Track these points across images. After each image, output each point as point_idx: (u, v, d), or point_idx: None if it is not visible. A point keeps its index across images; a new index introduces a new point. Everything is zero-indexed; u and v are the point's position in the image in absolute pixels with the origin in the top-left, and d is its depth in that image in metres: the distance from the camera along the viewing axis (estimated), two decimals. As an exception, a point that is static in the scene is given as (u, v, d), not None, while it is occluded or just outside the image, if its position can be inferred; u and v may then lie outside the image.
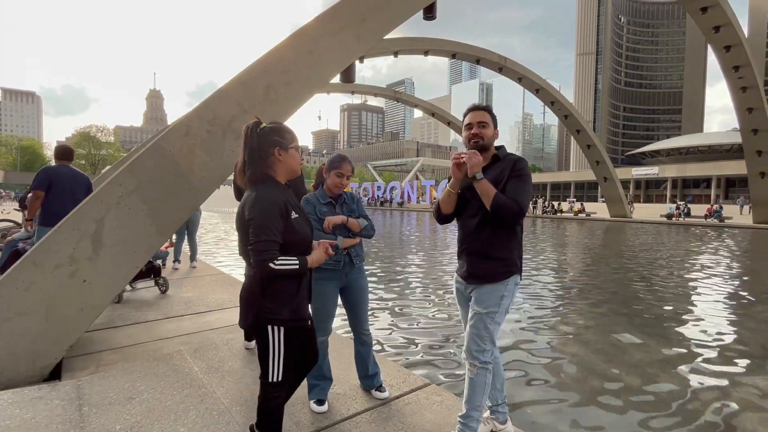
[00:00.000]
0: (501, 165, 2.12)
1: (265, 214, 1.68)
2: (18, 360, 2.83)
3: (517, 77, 27.09)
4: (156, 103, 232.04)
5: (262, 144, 1.78)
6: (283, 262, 1.68)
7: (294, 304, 1.77)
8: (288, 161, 1.82)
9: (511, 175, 2.07)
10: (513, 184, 2.05)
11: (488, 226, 2.09)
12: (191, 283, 5.95)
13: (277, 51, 4.09)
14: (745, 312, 6.18)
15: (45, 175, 4.36)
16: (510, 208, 1.99)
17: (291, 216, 1.76)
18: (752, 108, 22.07)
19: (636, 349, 4.48)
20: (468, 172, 2.05)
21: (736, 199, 40.93)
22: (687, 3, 19.22)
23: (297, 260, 1.72)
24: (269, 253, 1.65)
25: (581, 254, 12.86)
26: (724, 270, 9.73)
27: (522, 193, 2.04)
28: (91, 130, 75.91)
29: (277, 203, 1.72)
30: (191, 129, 3.45)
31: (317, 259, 1.83)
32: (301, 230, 1.80)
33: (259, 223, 1.66)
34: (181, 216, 3.52)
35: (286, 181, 1.89)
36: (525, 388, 3.57)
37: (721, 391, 3.57)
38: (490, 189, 2.03)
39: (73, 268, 2.95)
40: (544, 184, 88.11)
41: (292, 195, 1.91)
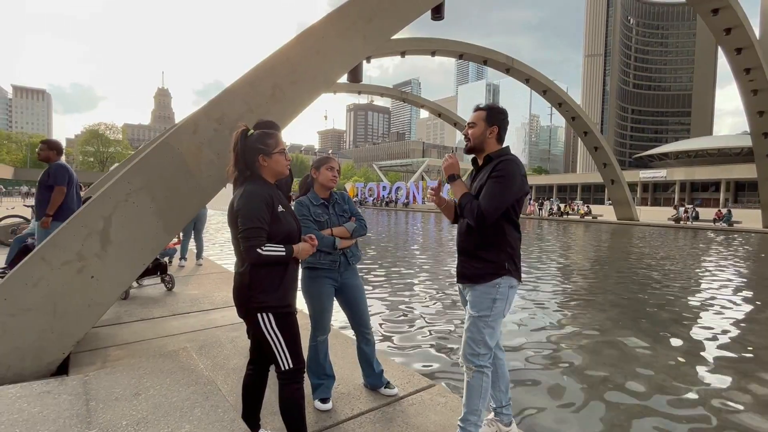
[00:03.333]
0: (491, 166, 2.09)
1: (252, 205, 1.83)
2: (24, 355, 2.85)
3: (524, 78, 26.96)
4: (164, 102, 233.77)
5: (248, 151, 1.92)
6: (270, 247, 1.81)
7: (280, 291, 1.89)
8: (272, 166, 1.95)
9: (490, 175, 2.03)
10: (487, 185, 2.02)
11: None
12: (197, 281, 5.99)
13: (284, 51, 4.10)
14: (751, 317, 6.11)
15: (66, 171, 4.57)
16: (471, 211, 2.00)
17: (277, 209, 1.90)
18: (763, 111, 21.80)
19: (642, 354, 4.44)
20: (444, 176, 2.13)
21: (745, 202, 40.36)
22: (698, 4, 19.03)
23: (283, 247, 1.85)
24: (257, 240, 1.79)
25: (587, 257, 12.77)
26: (730, 275, 9.62)
27: (489, 196, 1.98)
28: (100, 127, 76.68)
29: (263, 195, 1.86)
30: (199, 127, 3.46)
31: (303, 249, 1.94)
32: (287, 223, 1.94)
33: (246, 212, 1.81)
34: (188, 214, 3.54)
35: (275, 181, 2.01)
36: (529, 392, 3.55)
37: (727, 396, 3.53)
38: (459, 190, 2.10)
39: (81, 264, 2.98)
40: (551, 186, 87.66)
41: (279, 193, 2.02)
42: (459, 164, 2.14)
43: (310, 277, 2.55)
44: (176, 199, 3.34)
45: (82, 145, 75.68)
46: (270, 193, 1.90)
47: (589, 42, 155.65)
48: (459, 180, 2.12)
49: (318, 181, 2.61)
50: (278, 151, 1.95)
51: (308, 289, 2.56)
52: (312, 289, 2.55)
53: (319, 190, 2.62)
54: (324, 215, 2.56)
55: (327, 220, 2.56)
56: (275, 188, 1.99)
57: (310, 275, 2.55)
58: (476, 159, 2.22)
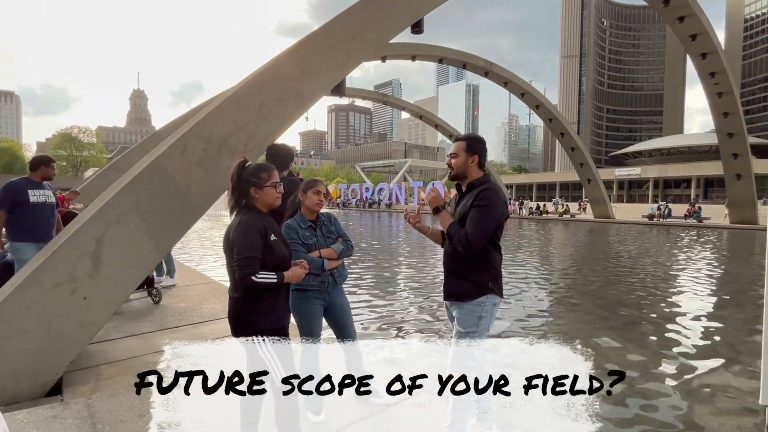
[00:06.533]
0: (473, 193, 2.28)
1: (247, 236, 1.97)
2: (19, 376, 2.89)
3: (502, 81, 27.53)
4: (140, 103, 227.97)
5: (242, 183, 2.07)
6: (263, 275, 1.95)
7: (273, 316, 2.03)
8: (264, 198, 2.09)
9: (473, 204, 2.22)
10: (471, 214, 2.21)
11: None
12: (183, 293, 6.00)
13: (270, 69, 4.22)
14: (718, 313, 6.50)
15: (6, 192, 4.23)
16: (459, 240, 2.19)
17: (270, 238, 2.03)
18: (728, 113, 22.86)
19: (614, 353, 4.71)
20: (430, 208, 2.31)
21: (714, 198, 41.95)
22: (665, 12, 19.84)
23: (275, 275, 1.98)
24: (251, 268, 1.92)
25: (564, 256, 13.19)
26: (699, 271, 10.13)
27: (474, 225, 2.17)
28: (73, 131, 74.36)
29: (257, 226, 2.00)
30: (187, 147, 3.54)
31: (294, 275, 2.08)
32: (279, 251, 2.07)
33: (241, 243, 1.95)
34: (179, 232, 3.61)
35: (267, 210, 2.14)
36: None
37: (693, 392, 3.81)
38: (446, 221, 2.29)
39: (74, 285, 3.03)
40: (530, 185, 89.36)
41: (272, 221, 2.16)
42: (441, 196, 2.33)
43: (299, 298, 2.67)
44: (167, 219, 3.42)
45: (54, 149, 73.20)
46: (264, 223, 2.04)
47: (564, 43, 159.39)
48: (444, 211, 2.32)
49: (305, 204, 2.72)
50: (270, 184, 2.08)
51: (298, 310, 2.68)
52: (302, 309, 2.67)
53: (305, 213, 2.74)
54: (312, 237, 2.68)
55: (315, 242, 2.68)
56: (269, 217, 2.13)
57: (300, 296, 2.67)
58: (459, 185, 2.41)
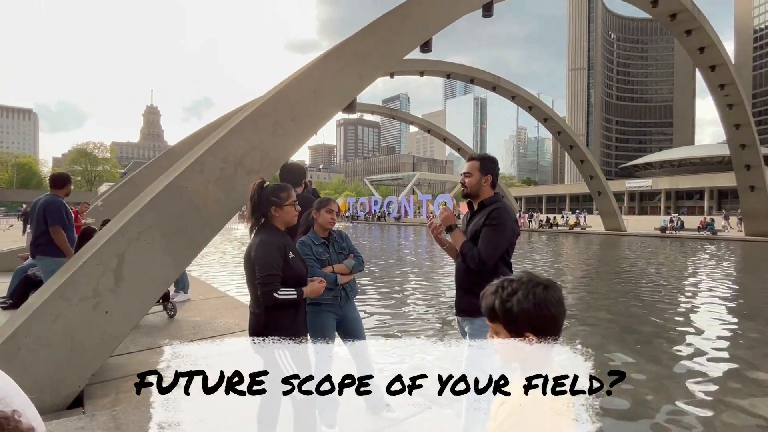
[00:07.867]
0: (485, 212, 2.35)
1: (268, 254, 2.07)
2: (43, 388, 2.99)
3: (510, 95, 27.72)
4: (153, 119, 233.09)
5: (263, 202, 2.16)
6: (284, 291, 2.06)
7: (292, 330, 2.12)
8: (283, 216, 2.19)
9: (485, 223, 2.30)
10: (483, 233, 2.28)
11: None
12: (197, 307, 6.11)
13: (284, 90, 4.37)
14: (733, 328, 6.40)
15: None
16: (472, 258, 2.26)
17: (289, 256, 2.14)
18: (739, 124, 22.68)
19: (628, 369, 4.67)
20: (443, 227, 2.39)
21: (728, 211, 41.31)
22: (672, 26, 19.92)
23: (295, 290, 2.10)
24: (273, 285, 2.03)
25: (575, 271, 13.08)
26: (714, 285, 9.97)
27: (486, 244, 2.25)
28: (88, 146, 76.31)
29: (277, 245, 2.11)
30: (205, 167, 3.68)
31: (312, 290, 2.19)
32: (297, 268, 2.18)
33: (263, 261, 2.06)
34: (196, 249, 3.73)
35: (285, 228, 2.25)
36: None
37: (709, 409, 3.76)
38: (459, 240, 2.35)
39: (97, 300, 3.14)
40: (540, 197, 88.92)
41: (290, 240, 2.28)
42: (453, 214, 2.41)
43: (313, 311, 2.76)
44: (186, 236, 3.54)
45: (69, 164, 75.06)
46: (283, 242, 2.15)
47: (572, 56, 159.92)
48: (457, 229, 2.39)
49: (318, 222, 2.84)
50: (289, 203, 2.19)
51: (313, 323, 2.77)
52: (316, 323, 2.76)
53: (318, 230, 2.85)
54: (325, 254, 2.79)
55: (328, 258, 2.80)
56: (287, 236, 2.24)
57: (314, 310, 2.76)
58: (471, 202, 2.49)
